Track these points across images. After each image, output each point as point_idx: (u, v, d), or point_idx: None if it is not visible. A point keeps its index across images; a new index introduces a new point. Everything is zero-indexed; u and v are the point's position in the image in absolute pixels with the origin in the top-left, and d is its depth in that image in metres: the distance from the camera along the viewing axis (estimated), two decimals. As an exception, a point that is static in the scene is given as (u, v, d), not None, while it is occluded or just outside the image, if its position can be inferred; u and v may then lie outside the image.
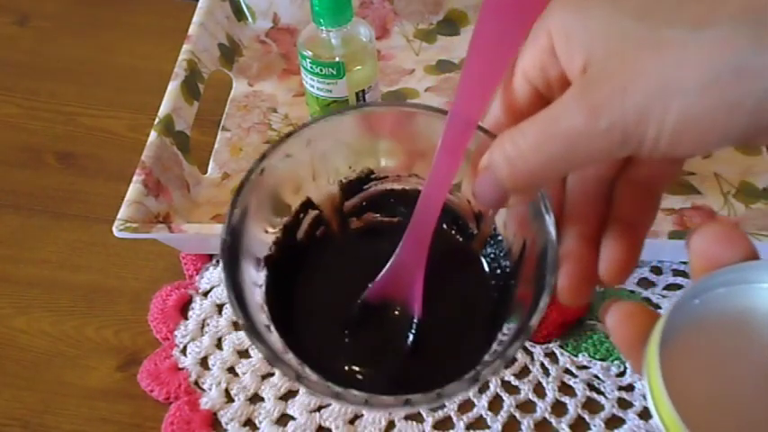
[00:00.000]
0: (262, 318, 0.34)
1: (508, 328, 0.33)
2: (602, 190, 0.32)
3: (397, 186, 0.39)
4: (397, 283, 0.37)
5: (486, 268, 0.38)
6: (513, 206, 0.32)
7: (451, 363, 0.34)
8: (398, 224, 0.36)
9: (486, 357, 0.33)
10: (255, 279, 0.35)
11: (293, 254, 0.38)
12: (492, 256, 0.38)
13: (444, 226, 0.39)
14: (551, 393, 0.49)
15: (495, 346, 0.33)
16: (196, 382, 0.51)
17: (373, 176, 0.39)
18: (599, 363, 0.50)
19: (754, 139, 0.24)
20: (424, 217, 0.35)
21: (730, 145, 0.24)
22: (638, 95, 0.24)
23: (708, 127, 0.23)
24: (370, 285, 0.36)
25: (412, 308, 0.36)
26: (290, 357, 0.33)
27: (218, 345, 0.53)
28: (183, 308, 0.55)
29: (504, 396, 0.49)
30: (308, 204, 0.38)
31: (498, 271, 0.37)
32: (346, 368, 0.35)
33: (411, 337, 0.36)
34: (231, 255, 0.32)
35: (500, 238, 0.37)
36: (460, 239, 0.39)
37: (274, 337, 0.33)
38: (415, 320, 0.36)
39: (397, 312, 0.37)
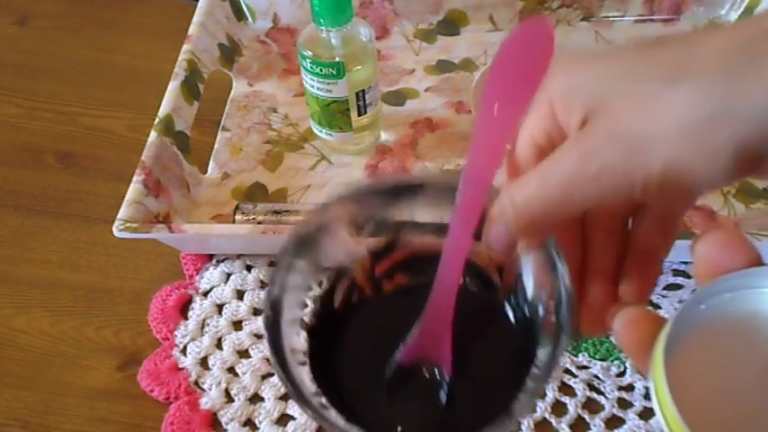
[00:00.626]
0: (306, 381, 0.35)
1: (535, 371, 0.34)
2: (618, 225, 0.33)
3: (423, 246, 0.40)
4: (426, 344, 0.38)
5: (512, 318, 0.39)
6: (525, 251, 0.33)
7: (484, 409, 0.36)
8: (430, 283, 0.38)
9: (518, 397, 0.34)
10: (296, 346, 0.37)
11: (332, 321, 0.40)
12: (516, 305, 0.39)
13: (469, 280, 0.40)
14: (551, 393, 0.49)
15: (525, 386, 0.35)
16: (196, 382, 0.51)
17: (399, 242, 0.41)
18: (599, 363, 0.50)
19: (749, 175, 0.25)
20: (446, 280, 0.36)
21: (724, 185, 0.26)
22: (623, 145, 0.26)
23: (694, 171, 0.25)
24: (401, 347, 0.38)
25: (443, 366, 0.38)
26: (333, 415, 0.35)
27: (218, 345, 0.53)
28: (183, 308, 0.55)
29: (504, 396, 0.49)
30: (340, 273, 0.40)
31: (523, 319, 0.39)
32: (385, 426, 0.37)
33: (444, 394, 0.37)
34: (274, 328, 0.35)
35: (523, 286, 0.38)
36: (485, 292, 0.40)
37: (317, 400, 0.35)
38: (447, 377, 0.37)
39: (429, 371, 0.38)
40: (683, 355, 0.24)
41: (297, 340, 0.37)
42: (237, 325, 0.54)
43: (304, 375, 0.36)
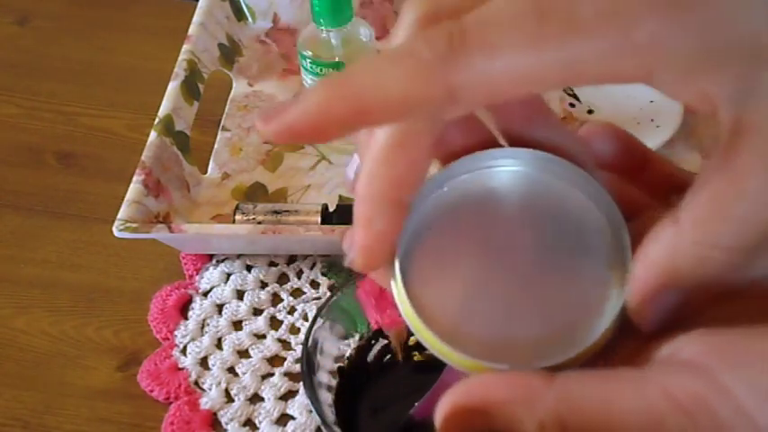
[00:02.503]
0: (328, 415, 0.41)
1: None
2: None
3: None
4: (438, 401, 0.41)
5: None
6: None
7: None
8: None
9: None
10: (328, 382, 0.43)
11: (362, 371, 0.45)
12: None
13: None
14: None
15: None
16: (196, 382, 0.51)
17: None
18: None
19: None
20: None
21: None
22: None
23: None
24: (416, 404, 0.42)
25: None
26: None
27: (218, 345, 0.53)
28: (183, 308, 0.55)
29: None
30: (379, 333, 0.46)
31: None
32: None
33: None
34: (309, 364, 0.41)
35: None
36: None
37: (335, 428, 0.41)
38: None
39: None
40: (431, 242, 0.24)
41: (328, 377, 0.43)
42: (237, 325, 0.54)
43: (326, 405, 0.41)
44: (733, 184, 0.19)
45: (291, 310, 0.54)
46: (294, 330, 0.53)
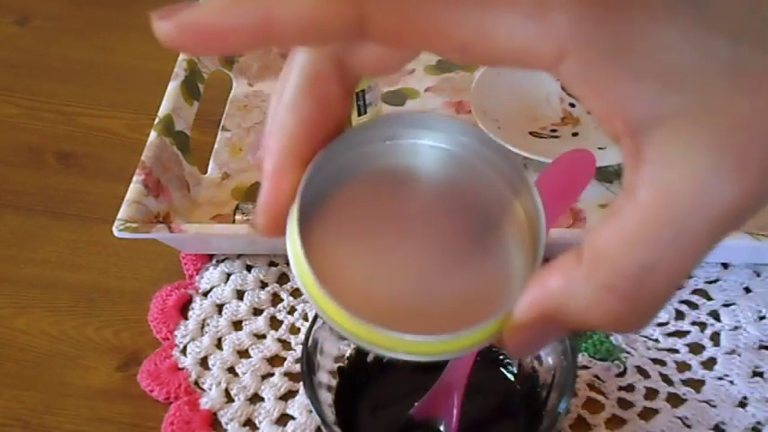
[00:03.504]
0: (328, 415, 0.41)
1: None
2: None
3: None
4: (438, 402, 0.42)
5: (520, 398, 0.45)
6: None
7: None
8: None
9: None
10: (328, 382, 0.43)
11: (362, 371, 0.46)
12: (527, 387, 0.44)
13: (490, 363, 0.46)
14: (551, 393, 0.49)
15: None
16: (196, 382, 0.51)
17: None
18: (599, 363, 0.50)
19: None
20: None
21: None
22: None
23: None
24: (416, 403, 0.43)
25: (450, 424, 0.42)
26: None
27: (218, 345, 0.53)
28: (183, 308, 0.55)
29: (505, 396, 0.49)
30: None
31: (530, 401, 0.44)
32: None
33: None
34: (309, 364, 0.41)
35: (537, 373, 0.44)
36: (502, 374, 0.46)
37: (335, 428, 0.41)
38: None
39: (436, 426, 0.43)
40: (335, 206, 0.22)
41: (328, 377, 0.43)
42: (237, 325, 0.54)
43: (326, 405, 0.41)
44: (630, 230, 0.19)
45: (291, 310, 0.54)
46: (294, 330, 0.53)
